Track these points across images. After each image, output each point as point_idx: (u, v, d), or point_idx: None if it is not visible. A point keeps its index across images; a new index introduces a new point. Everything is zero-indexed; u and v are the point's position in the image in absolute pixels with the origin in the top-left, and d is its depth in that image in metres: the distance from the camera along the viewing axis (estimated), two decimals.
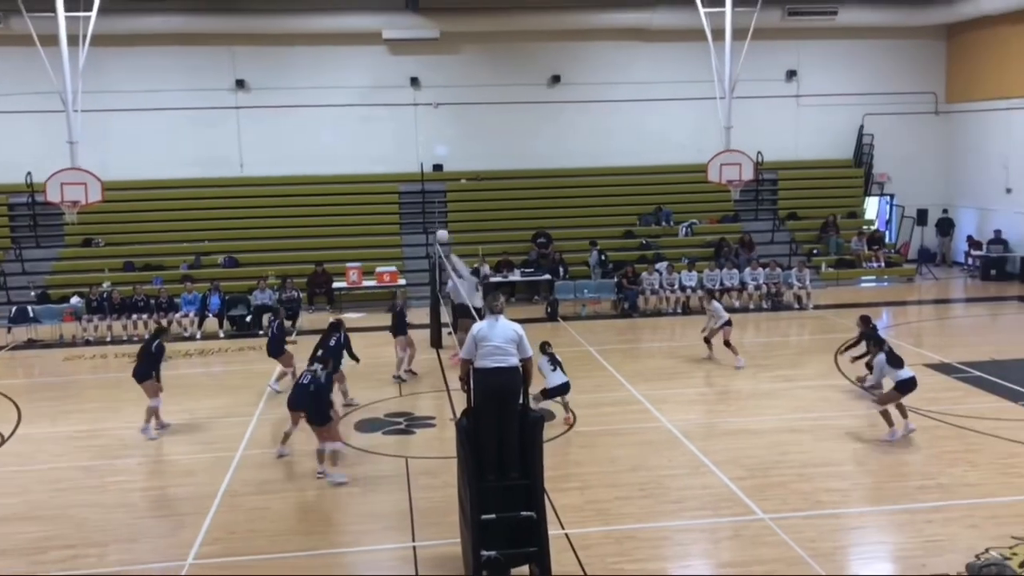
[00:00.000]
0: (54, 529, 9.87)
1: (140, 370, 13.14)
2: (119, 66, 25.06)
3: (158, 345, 13.33)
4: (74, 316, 20.77)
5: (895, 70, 28.16)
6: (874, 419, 13.00)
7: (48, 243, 24.78)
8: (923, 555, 8.71)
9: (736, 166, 21.82)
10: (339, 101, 26.40)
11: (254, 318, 21.01)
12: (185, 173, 26.00)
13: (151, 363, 13.16)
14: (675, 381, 15.51)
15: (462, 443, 7.92)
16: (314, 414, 11.05)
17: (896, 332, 19.67)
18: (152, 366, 13.16)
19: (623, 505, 10.13)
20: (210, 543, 9.42)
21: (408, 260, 24.80)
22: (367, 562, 9.01)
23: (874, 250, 25.73)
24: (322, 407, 11.09)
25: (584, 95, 27.16)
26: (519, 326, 8.34)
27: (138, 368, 13.17)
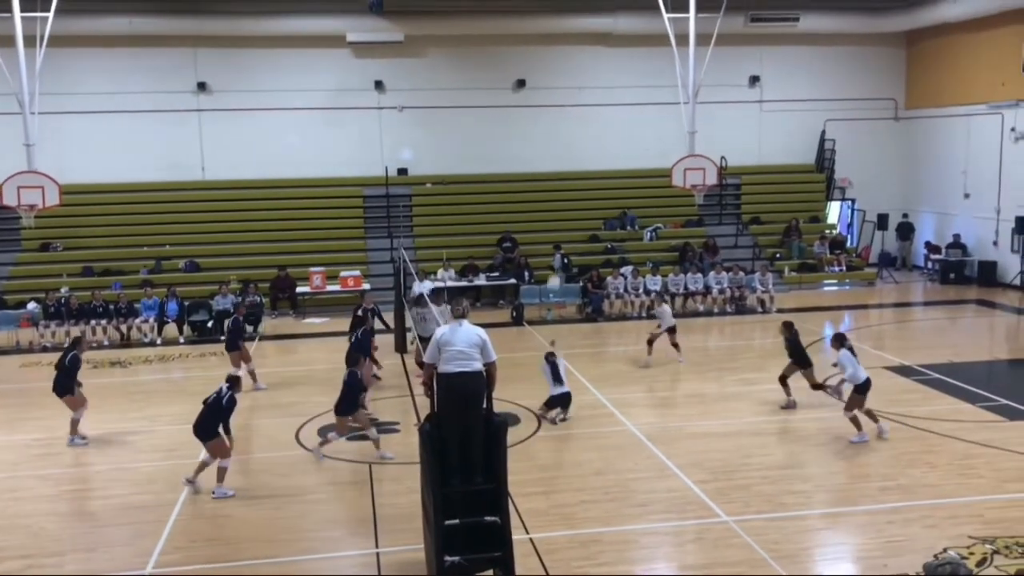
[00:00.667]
0: (9, 539, 9.66)
1: (59, 384, 12.83)
2: (78, 67, 24.70)
3: (72, 357, 12.99)
4: (31, 322, 20.39)
5: (856, 76, 28.57)
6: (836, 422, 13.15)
7: (4, 247, 24.31)
8: (884, 555, 8.81)
9: (700, 171, 21.99)
10: (303, 104, 26.23)
11: (215, 323, 20.76)
12: (146, 176, 25.64)
13: (69, 376, 12.87)
14: (640, 385, 15.57)
15: (426, 448, 7.87)
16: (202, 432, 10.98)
17: (857, 335, 19.89)
18: (71, 379, 12.87)
19: (588, 509, 10.13)
20: (170, 552, 9.27)
21: (373, 264, 24.67)
22: (330, 568, 8.92)
23: (836, 254, 26.05)
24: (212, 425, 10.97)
25: (549, 99, 27.23)
26: (483, 330, 8.31)
27: (57, 382, 12.85)
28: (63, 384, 12.87)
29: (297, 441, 12.84)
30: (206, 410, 11.05)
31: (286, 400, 15.02)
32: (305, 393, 15.38)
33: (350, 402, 11.88)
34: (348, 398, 11.88)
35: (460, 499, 7.72)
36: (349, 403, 11.85)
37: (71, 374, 12.94)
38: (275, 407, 14.61)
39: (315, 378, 16.45)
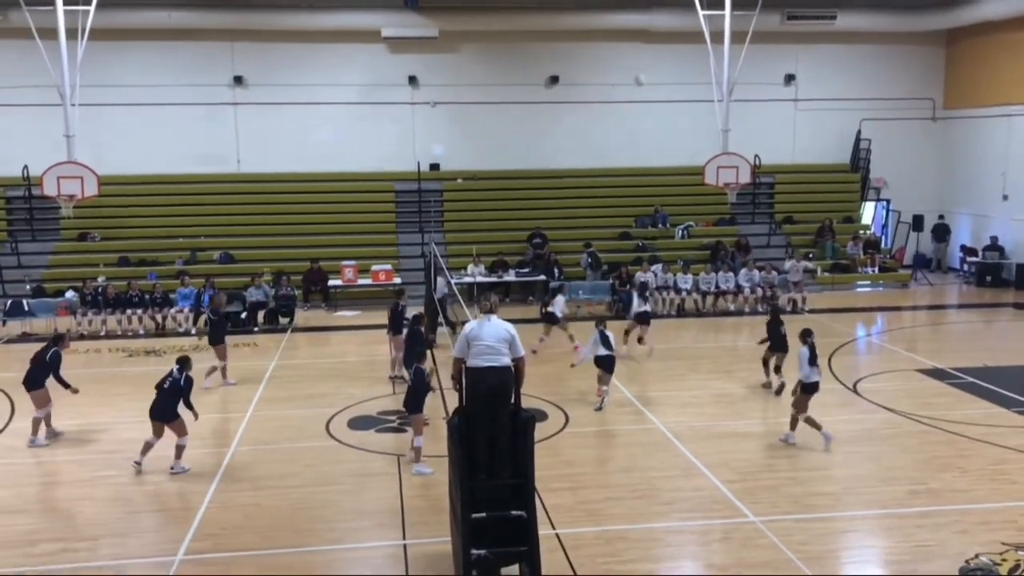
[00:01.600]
0: (45, 522, 9.87)
1: (31, 378, 12.57)
2: (117, 60, 25.04)
3: (54, 354, 12.77)
4: (69, 310, 20.75)
5: (893, 76, 28.23)
6: (866, 423, 13.06)
7: (44, 237, 24.74)
8: (912, 560, 8.74)
9: (733, 169, 21.89)
10: (337, 99, 26.40)
11: (249, 315, 21.01)
12: (182, 168, 25.98)
13: (44, 372, 12.61)
14: (668, 383, 15.53)
15: (453, 442, 7.93)
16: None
17: (890, 337, 19.72)
18: (45, 375, 12.61)
19: (614, 506, 10.14)
20: (200, 539, 9.41)
21: (404, 259, 24.80)
22: (357, 559, 9.02)
23: (869, 255, 25.77)
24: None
25: (582, 96, 27.18)
26: (511, 326, 8.35)
27: (29, 375, 12.60)
28: (34, 378, 12.55)
29: (327, 432, 12.96)
30: (164, 394, 11.43)
31: (317, 391, 15.17)
32: (336, 385, 15.52)
33: (417, 400, 11.56)
34: (415, 396, 11.55)
35: (487, 493, 7.76)
36: (416, 401, 11.54)
37: (48, 370, 12.64)
38: (306, 398, 14.76)
39: (346, 370, 16.60)
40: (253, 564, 8.83)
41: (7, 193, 25.08)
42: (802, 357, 12.08)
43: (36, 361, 12.77)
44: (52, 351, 12.82)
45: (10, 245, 24.20)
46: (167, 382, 11.50)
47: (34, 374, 12.65)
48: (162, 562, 8.85)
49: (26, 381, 12.66)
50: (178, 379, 11.49)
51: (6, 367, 17.69)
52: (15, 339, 19.86)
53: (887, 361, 17.19)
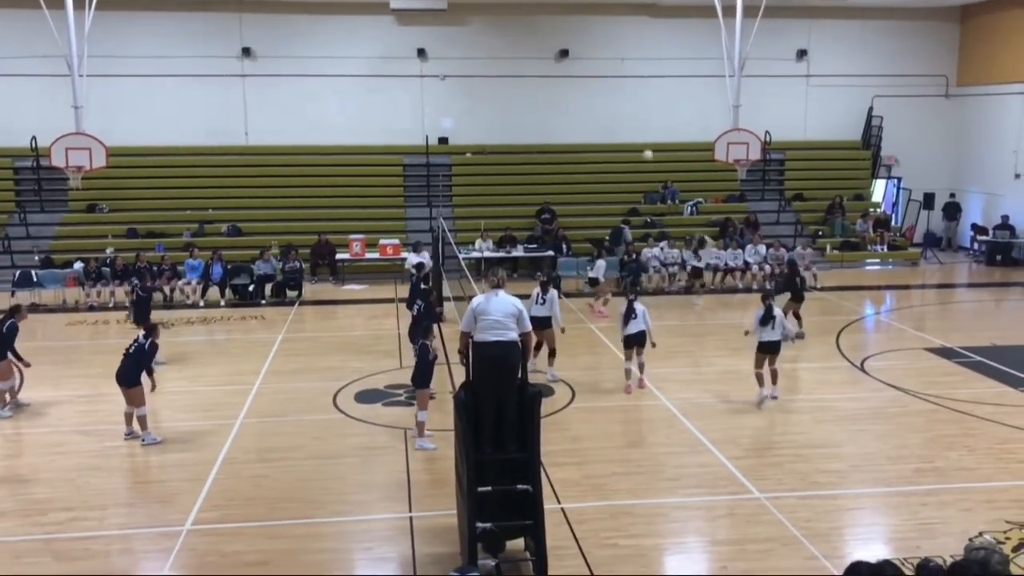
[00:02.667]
0: (54, 492, 9.94)
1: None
2: (125, 31, 24.94)
3: (10, 325, 12.67)
4: (77, 281, 20.81)
5: (906, 52, 27.95)
6: (872, 401, 13.06)
7: (52, 208, 24.77)
8: (917, 537, 8.75)
9: (743, 145, 21.76)
10: (345, 71, 26.27)
11: (256, 288, 21.06)
12: (190, 140, 25.94)
13: (3, 344, 12.49)
14: (675, 360, 15.52)
15: (460, 416, 7.94)
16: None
17: (898, 316, 19.67)
18: (5, 347, 12.50)
19: (620, 481, 10.17)
20: (208, 509, 9.48)
21: (411, 233, 24.75)
22: (364, 531, 9.07)
23: (879, 233, 25.64)
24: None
25: (592, 70, 26.99)
26: (519, 301, 8.34)
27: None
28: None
29: (334, 405, 13.01)
30: (129, 359, 11.52)
31: (324, 364, 15.20)
32: (343, 358, 15.55)
33: (424, 375, 11.34)
34: (421, 371, 11.35)
35: (493, 467, 7.78)
36: (423, 376, 11.34)
37: (6, 342, 12.53)
38: (313, 371, 14.80)
39: (353, 344, 16.65)
40: (261, 534, 8.89)
41: (15, 164, 25.09)
42: (756, 316, 12.85)
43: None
44: (8, 322, 12.65)
45: (18, 216, 24.26)
46: (132, 347, 11.60)
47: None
48: (170, 532, 8.92)
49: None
50: (142, 344, 11.58)
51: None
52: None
53: (895, 339, 17.15)
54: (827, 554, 8.38)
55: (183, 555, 8.48)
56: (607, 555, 8.37)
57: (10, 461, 10.90)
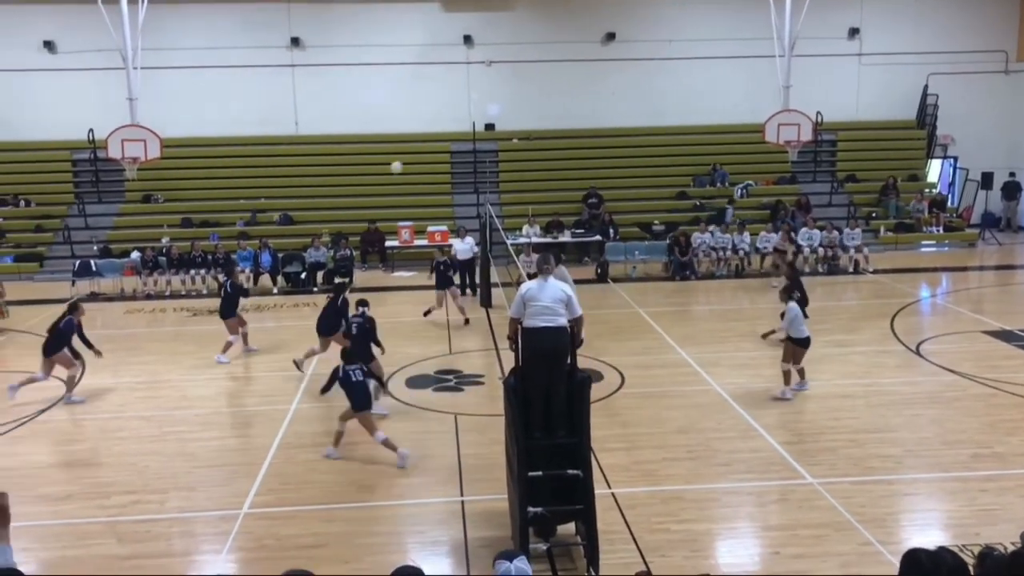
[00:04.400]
0: (117, 475, 10.22)
1: (48, 345, 12.82)
2: (176, 23, 25.36)
3: (67, 322, 12.98)
4: (134, 270, 21.29)
5: (963, 27, 27.25)
6: (928, 385, 12.83)
7: (109, 199, 25.35)
8: (976, 524, 8.59)
9: (794, 126, 21.45)
10: (393, 59, 26.41)
11: (308, 275, 21.34)
12: (241, 131, 26.32)
13: (60, 340, 12.83)
14: (725, 344, 15.40)
15: (510, 401, 7.98)
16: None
17: (955, 298, 19.28)
18: (61, 343, 12.84)
19: (670, 466, 10.15)
20: (264, 493, 9.67)
21: (459, 219, 24.84)
22: (416, 515, 9.18)
23: (935, 214, 25.11)
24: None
25: (639, 52, 26.78)
26: (568, 286, 8.34)
27: (47, 343, 12.85)
28: (51, 346, 12.79)
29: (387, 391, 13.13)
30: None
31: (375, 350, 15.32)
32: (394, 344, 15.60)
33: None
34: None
35: (543, 452, 7.81)
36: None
37: (62, 338, 12.85)
38: None
39: (403, 330, 16.79)
40: (316, 518, 9.05)
41: (74, 156, 25.71)
42: (792, 311, 12.32)
43: (51, 330, 12.96)
44: (66, 320, 12.99)
45: (77, 207, 24.86)
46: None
47: (49, 342, 12.85)
48: (227, 515, 9.12)
49: (44, 348, 12.87)
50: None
51: None
52: (84, 299, 20.42)
53: (952, 322, 16.82)
54: (882, 540, 8.28)
55: (241, 538, 8.66)
56: (658, 540, 8.37)
57: (74, 446, 11.23)
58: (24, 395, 12.74)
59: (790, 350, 12.39)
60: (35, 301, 20.16)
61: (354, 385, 10.53)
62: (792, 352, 12.38)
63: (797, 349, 12.36)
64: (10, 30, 25.45)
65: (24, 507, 9.44)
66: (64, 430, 11.82)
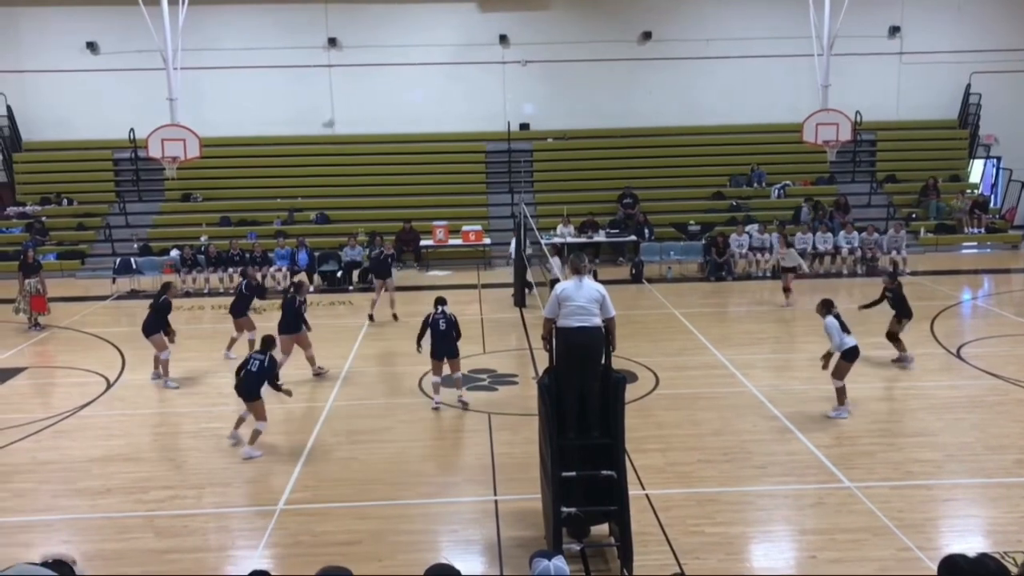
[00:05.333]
0: (155, 470, 10.36)
1: (148, 324, 13.56)
2: (216, 24, 25.64)
3: (164, 300, 13.72)
4: (173, 268, 21.57)
5: (1007, 25, 26.75)
6: (969, 390, 12.62)
7: (150, 197, 25.72)
8: (1019, 530, 8.43)
9: (833, 126, 21.19)
10: (429, 59, 26.50)
11: (344, 274, 21.49)
12: (279, 130, 26.56)
13: (159, 317, 13.58)
14: (761, 346, 15.27)
15: (543, 401, 7.97)
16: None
17: (997, 300, 18.94)
18: (160, 321, 13.57)
19: (705, 468, 10.07)
20: (300, 490, 9.75)
21: (493, 219, 24.90)
22: (450, 513, 9.20)
23: (976, 215, 24.68)
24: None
25: (675, 52, 26.63)
26: (602, 286, 8.32)
27: (147, 321, 13.60)
28: (151, 324, 13.52)
29: (420, 388, 13.21)
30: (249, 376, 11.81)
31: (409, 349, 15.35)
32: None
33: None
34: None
35: (577, 452, 7.80)
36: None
37: (161, 315, 13.62)
38: (399, 355, 15.05)
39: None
40: (350, 515, 9.10)
41: (115, 155, 26.11)
42: (830, 327, 11.49)
43: (152, 307, 13.79)
44: (162, 298, 13.81)
45: (118, 206, 25.25)
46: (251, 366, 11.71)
47: (150, 319, 13.65)
48: (263, 511, 9.21)
49: (144, 327, 13.68)
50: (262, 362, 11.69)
51: (117, 322, 18.59)
52: (124, 296, 20.80)
53: (994, 325, 16.52)
54: (921, 546, 8.15)
55: (276, 534, 8.74)
56: (693, 542, 8.31)
57: (113, 441, 11.39)
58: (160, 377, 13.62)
59: (840, 366, 11.62)
60: (77, 298, 20.52)
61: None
62: (840, 368, 11.61)
63: (844, 364, 11.58)
64: (53, 31, 25.92)
65: (65, 500, 9.63)
66: (104, 425, 12.00)
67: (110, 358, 15.27)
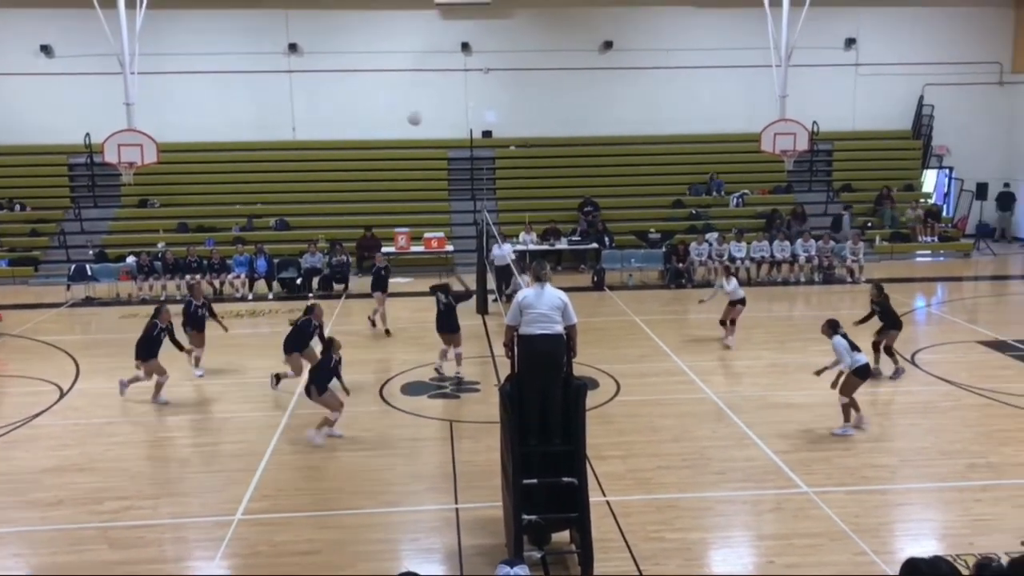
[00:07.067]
0: (110, 481, 10.17)
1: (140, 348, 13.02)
2: (175, 29, 25.34)
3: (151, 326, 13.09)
4: (129, 275, 21.24)
5: (959, 39, 27.36)
6: (925, 395, 12.85)
7: (106, 203, 25.32)
8: (970, 534, 8.59)
9: (790, 136, 21.51)
10: (390, 66, 26.42)
11: (304, 281, 21.31)
12: (238, 136, 26.30)
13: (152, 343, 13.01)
14: (721, 353, 15.41)
15: (505, 408, 7.97)
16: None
17: (950, 308, 19.32)
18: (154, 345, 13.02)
19: (665, 475, 10.14)
20: (258, 499, 9.63)
21: (456, 227, 24.87)
22: (411, 522, 9.15)
23: (929, 224, 25.17)
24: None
25: (636, 62, 26.85)
26: (564, 294, 8.34)
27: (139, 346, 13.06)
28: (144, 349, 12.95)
29: (381, 397, 13.14)
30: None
31: (370, 357, 15.35)
32: (390, 350, 15.69)
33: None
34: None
35: (538, 459, 7.81)
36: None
37: (154, 341, 12.99)
38: (360, 363, 14.90)
39: (399, 336, 16.77)
40: (310, 524, 9.01)
41: (70, 160, 25.68)
42: (839, 347, 11.32)
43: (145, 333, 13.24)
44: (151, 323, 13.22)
45: (73, 211, 24.82)
46: None
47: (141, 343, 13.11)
48: (221, 521, 9.08)
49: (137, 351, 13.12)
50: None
51: (71, 330, 18.27)
52: (79, 303, 20.43)
53: (947, 332, 16.85)
54: (876, 550, 8.27)
55: (234, 544, 8.63)
56: (653, 548, 8.35)
57: (66, 451, 11.17)
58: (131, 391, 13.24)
59: (850, 382, 11.30)
60: (29, 305, 20.14)
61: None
62: (849, 384, 11.30)
63: (853, 380, 11.29)
64: (7, 34, 25.47)
65: (15, 512, 9.42)
66: (57, 435, 11.76)
67: (64, 367, 14.99)
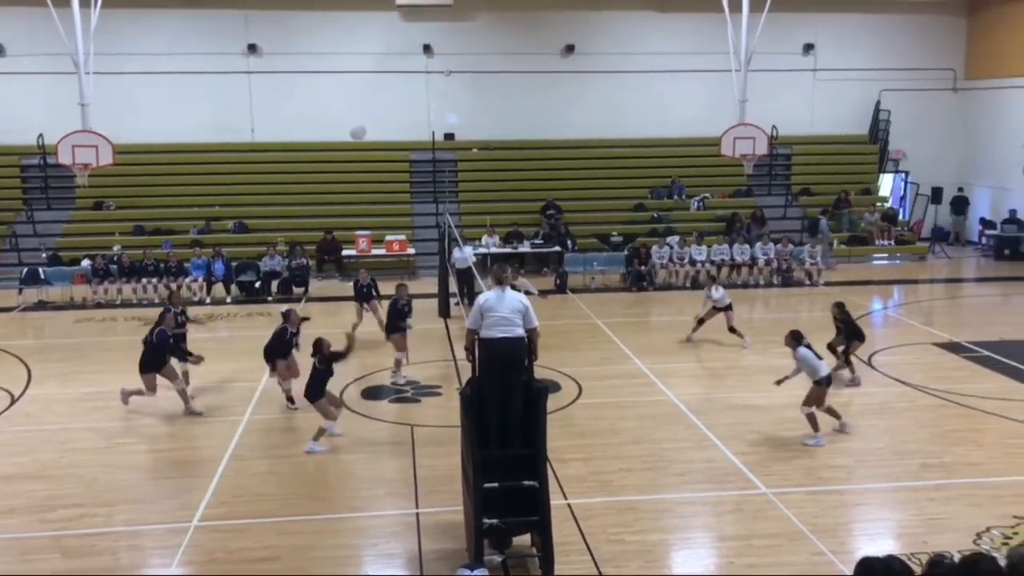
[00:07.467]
0: (63, 488, 9.98)
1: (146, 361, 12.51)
2: (131, 28, 24.93)
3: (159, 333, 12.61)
4: (84, 279, 20.85)
5: (914, 46, 27.82)
6: (880, 397, 13.03)
7: (59, 205, 24.82)
8: (924, 532, 8.73)
9: (750, 140, 21.68)
10: (351, 67, 26.23)
11: (263, 284, 21.09)
12: (197, 138, 25.93)
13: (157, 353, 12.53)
14: (682, 355, 15.52)
15: (466, 412, 7.95)
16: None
17: (906, 310, 19.62)
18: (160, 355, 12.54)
19: (626, 477, 10.17)
20: (216, 506, 9.50)
21: (418, 229, 24.77)
22: (371, 527, 9.09)
23: (886, 227, 25.56)
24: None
25: (598, 65, 26.93)
26: (525, 297, 8.36)
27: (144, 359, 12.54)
28: (150, 361, 12.44)
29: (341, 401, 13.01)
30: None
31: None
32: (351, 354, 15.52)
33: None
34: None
35: (499, 463, 7.79)
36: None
37: (159, 351, 12.52)
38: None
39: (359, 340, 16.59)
40: (268, 531, 8.91)
41: (22, 162, 25.17)
42: (806, 357, 11.37)
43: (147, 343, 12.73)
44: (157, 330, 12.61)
45: (26, 214, 24.32)
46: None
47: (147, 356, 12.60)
48: (177, 528, 8.95)
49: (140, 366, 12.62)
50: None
51: (22, 335, 17.91)
52: (31, 307, 20.03)
53: (903, 334, 17.11)
54: (834, 549, 8.37)
55: (190, 551, 8.50)
56: (613, 551, 8.37)
57: (18, 458, 10.93)
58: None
59: (814, 393, 11.29)
60: None
61: None
62: (816, 395, 11.28)
63: (820, 390, 11.28)
64: None
65: None
66: (7, 442, 11.50)
67: (15, 372, 14.65)
